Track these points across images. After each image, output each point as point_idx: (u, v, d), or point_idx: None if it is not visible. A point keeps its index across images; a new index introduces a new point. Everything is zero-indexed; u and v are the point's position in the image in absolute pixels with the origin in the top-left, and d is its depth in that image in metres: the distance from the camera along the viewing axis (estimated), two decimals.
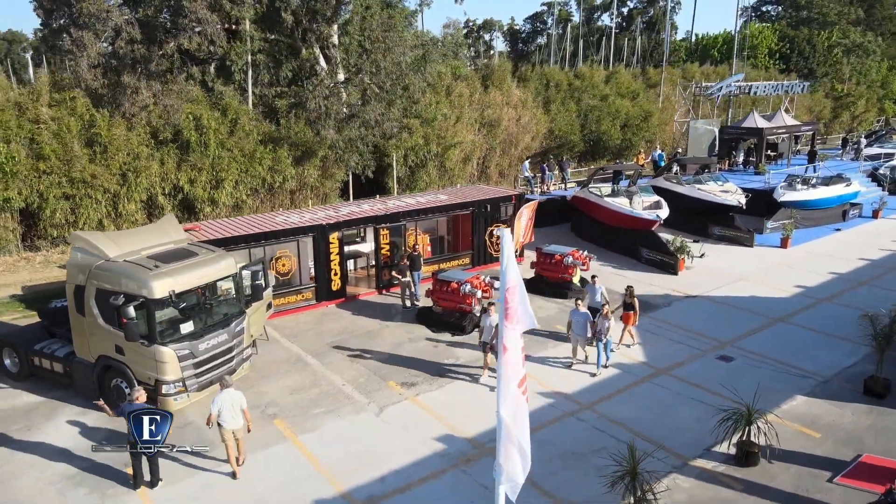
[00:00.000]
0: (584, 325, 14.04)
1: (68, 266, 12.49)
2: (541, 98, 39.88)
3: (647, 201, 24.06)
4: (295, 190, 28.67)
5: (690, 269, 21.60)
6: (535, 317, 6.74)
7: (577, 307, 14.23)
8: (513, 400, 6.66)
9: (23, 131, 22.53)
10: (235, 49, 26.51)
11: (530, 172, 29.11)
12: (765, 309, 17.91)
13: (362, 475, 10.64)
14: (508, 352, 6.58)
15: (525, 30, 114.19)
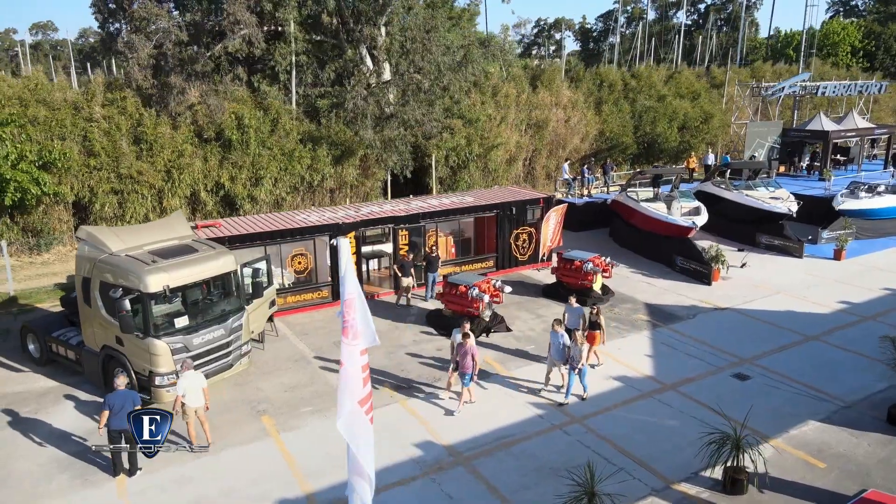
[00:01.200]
0: (562, 349, 12.94)
1: (76, 258, 13.12)
2: (592, 99, 38.91)
3: (686, 207, 23.04)
4: (334, 189, 29.12)
5: (727, 279, 20.49)
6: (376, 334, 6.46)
7: (555, 329, 13.06)
8: (351, 417, 6.33)
9: (76, 129, 23.88)
10: (279, 50, 27.16)
11: (570, 175, 28.38)
12: (799, 325, 16.76)
13: (332, 477, 10.62)
14: (345, 367, 6.29)
15: (596, 28, 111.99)
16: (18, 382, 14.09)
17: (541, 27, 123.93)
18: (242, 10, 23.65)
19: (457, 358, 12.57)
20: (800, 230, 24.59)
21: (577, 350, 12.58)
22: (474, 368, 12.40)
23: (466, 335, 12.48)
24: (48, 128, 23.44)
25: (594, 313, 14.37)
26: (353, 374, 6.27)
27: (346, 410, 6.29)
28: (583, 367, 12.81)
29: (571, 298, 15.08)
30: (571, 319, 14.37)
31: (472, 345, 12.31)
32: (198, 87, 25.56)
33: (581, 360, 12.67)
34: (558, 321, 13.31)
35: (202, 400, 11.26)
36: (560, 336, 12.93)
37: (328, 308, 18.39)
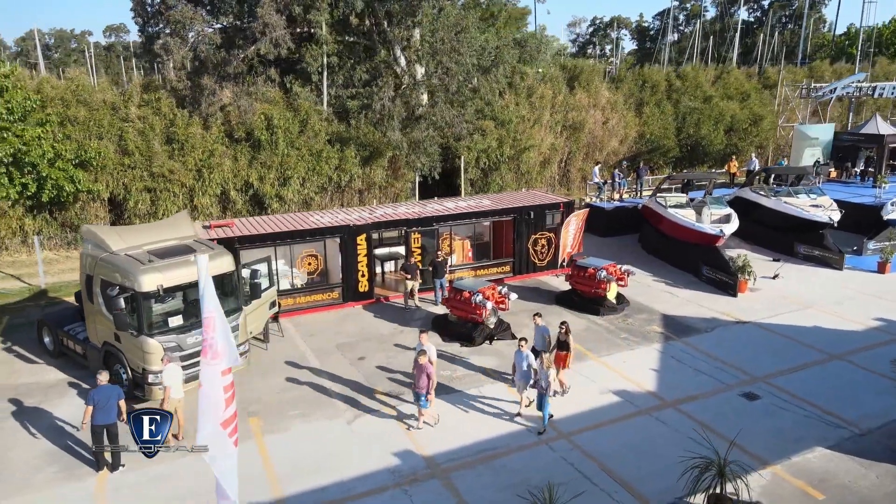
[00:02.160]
0: (527, 371, 12.01)
1: (80, 256, 13.53)
2: (633, 100, 37.86)
3: (717, 214, 22.07)
4: (363, 189, 29.27)
5: (755, 290, 19.53)
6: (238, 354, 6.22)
7: (521, 348, 12.17)
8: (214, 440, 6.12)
9: (113, 129, 24.74)
10: (310, 52, 27.46)
11: (600, 178, 27.65)
12: (825, 342, 15.78)
13: (306, 482, 10.58)
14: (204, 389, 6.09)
15: (653, 27, 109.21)
16: (30, 374, 14.65)
17: (596, 26, 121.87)
18: (271, 14, 24.00)
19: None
20: (844, 240, 23.26)
21: (544, 374, 11.61)
22: (429, 388, 11.61)
23: (422, 353, 11.81)
24: (87, 127, 24.37)
25: (563, 332, 13.24)
26: (214, 395, 6.08)
27: (206, 433, 6.11)
28: (548, 392, 11.73)
29: (536, 317, 13.93)
30: (536, 339, 13.49)
31: (426, 363, 11.60)
32: (230, 88, 26.11)
33: (550, 386, 11.67)
34: (524, 340, 12.42)
35: (181, 391, 11.53)
36: (524, 356, 12.07)
37: (338, 309, 18.46)
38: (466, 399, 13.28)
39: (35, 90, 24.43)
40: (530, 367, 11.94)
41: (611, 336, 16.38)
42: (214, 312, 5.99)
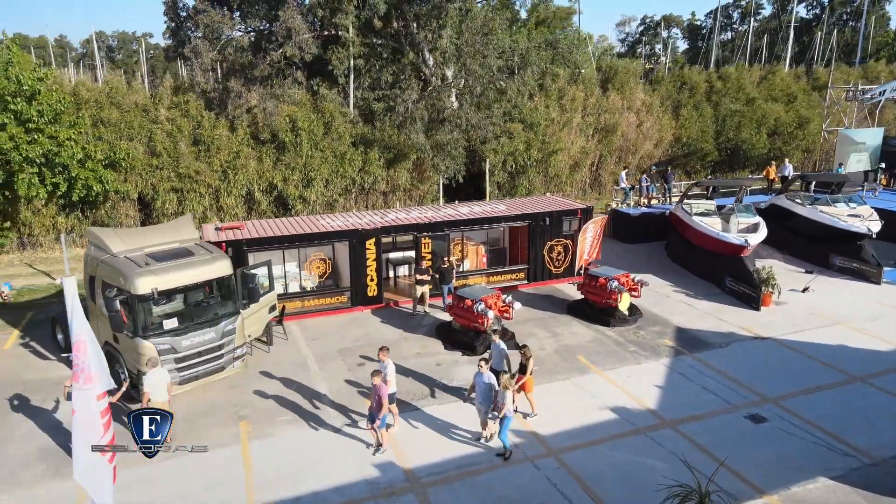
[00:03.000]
0: (488, 393, 11.28)
1: (84, 257, 13.84)
2: (670, 102, 36.79)
3: (744, 223, 21.14)
4: (388, 191, 29.28)
5: (781, 304, 18.62)
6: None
7: (480, 370, 11.44)
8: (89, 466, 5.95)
9: (143, 130, 25.41)
10: (337, 54, 27.62)
11: (627, 183, 26.88)
12: (847, 362, 14.88)
13: (282, 491, 10.52)
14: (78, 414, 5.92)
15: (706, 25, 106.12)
16: (40, 370, 15.08)
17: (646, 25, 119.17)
18: (294, 18, 24.22)
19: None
20: (886, 252, 22.01)
21: (502, 395, 10.92)
22: (381, 411, 11.09)
23: (376, 372, 11.25)
24: (118, 129, 25.11)
25: (522, 355, 12.39)
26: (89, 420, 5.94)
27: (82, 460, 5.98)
28: (506, 417, 11.00)
29: (494, 336, 13.17)
30: (495, 358, 12.67)
31: (379, 384, 11.01)
32: (256, 90, 26.49)
33: (503, 407, 10.90)
34: (485, 360, 11.68)
35: (166, 395, 11.64)
36: (484, 377, 11.37)
37: (346, 313, 18.43)
38: (458, 411, 13.01)
39: (70, 93, 25.32)
40: (492, 389, 11.24)
41: (618, 349, 15.84)
42: (85, 336, 5.87)
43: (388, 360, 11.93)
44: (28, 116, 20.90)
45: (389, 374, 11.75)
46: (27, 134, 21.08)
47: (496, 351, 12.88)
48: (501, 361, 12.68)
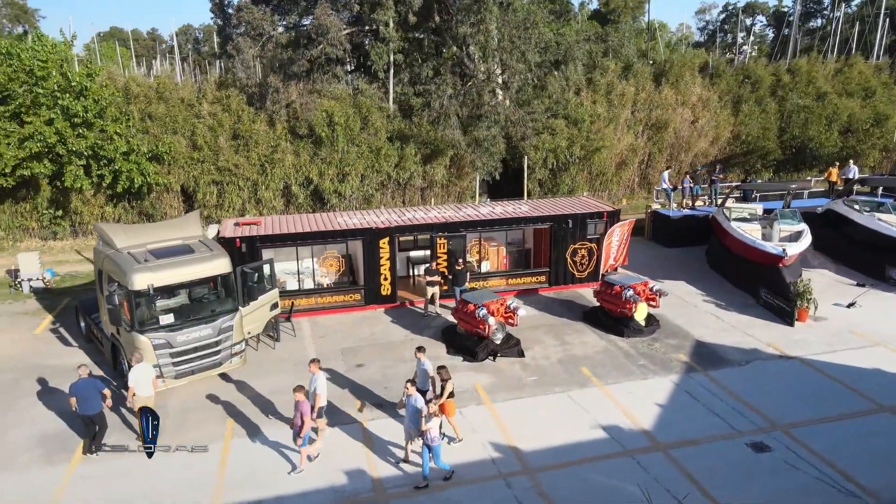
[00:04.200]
0: (416, 416, 10.63)
1: (94, 251, 14.37)
2: (730, 97, 34.79)
3: (786, 230, 19.76)
4: (425, 187, 29.15)
5: (819, 320, 17.30)
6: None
7: (407, 390, 10.87)
8: None
9: (187, 125, 26.27)
10: (375, 49, 27.61)
11: (669, 184, 25.59)
12: (878, 389, 13.63)
13: (248, 492, 10.59)
14: None
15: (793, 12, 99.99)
16: (62, 356, 15.85)
17: (728, 12, 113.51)
18: (327, 15, 24.34)
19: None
20: None
21: (429, 422, 10.29)
22: (302, 429, 10.68)
23: (298, 388, 10.82)
24: (164, 123, 26.06)
25: (439, 377, 11.60)
26: None
27: None
28: (434, 443, 10.39)
29: (419, 353, 12.34)
30: (420, 378, 11.97)
31: (302, 401, 10.67)
32: (294, 85, 26.86)
33: (431, 435, 10.31)
34: (410, 382, 11.07)
35: (151, 390, 11.94)
36: (412, 399, 10.74)
37: (360, 311, 18.45)
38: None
39: (121, 88, 26.47)
40: (419, 413, 10.56)
41: (627, 361, 15.12)
42: None
43: (319, 372, 11.65)
44: (74, 111, 21.95)
45: (320, 388, 11.48)
46: (73, 129, 22.16)
47: (420, 370, 12.15)
48: (426, 381, 12.04)
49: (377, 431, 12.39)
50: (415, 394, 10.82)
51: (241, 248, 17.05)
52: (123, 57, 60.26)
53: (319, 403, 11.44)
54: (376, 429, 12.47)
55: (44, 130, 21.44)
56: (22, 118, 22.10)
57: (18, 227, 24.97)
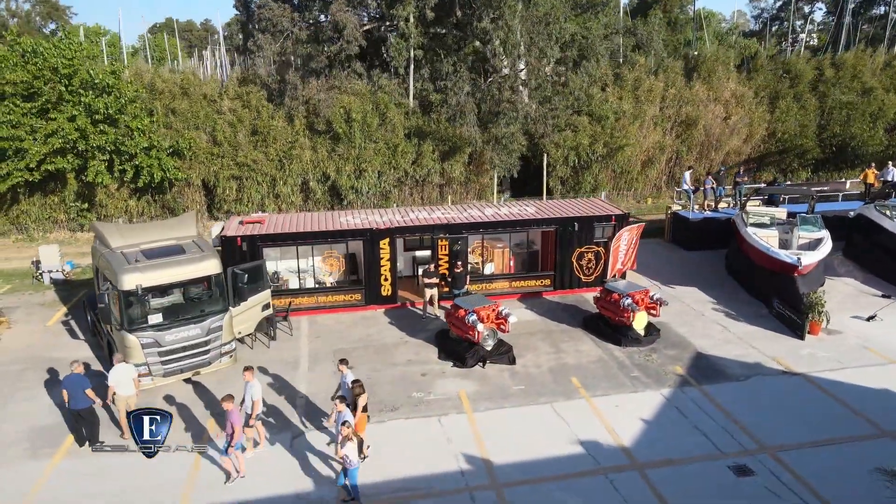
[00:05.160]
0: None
1: (91, 250, 14.75)
2: (767, 92, 33.41)
3: (805, 238, 18.87)
4: (443, 184, 29.02)
5: (834, 333, 16.50)
6: None
7: (336, 407, 10.64)
8: None
9: (209, 120, 26.77)
10: (395, 45, 27.52)
11: (690, 185, 24.71)
12: (885, 414, 12.86)
13: (215, 495, 10.73)
14: None
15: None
16: (69, 349, 16.37)
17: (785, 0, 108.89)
18: (342, 12, 24.35)
19: None
20: None
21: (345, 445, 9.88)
22: (232, 438, 10.60)
23: (227, 397, 10.70)
24: (185, 119, 26.61)
25: (352, 392, 11.33)
26: None
27: None
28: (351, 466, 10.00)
29: (342, 366, 12.07)
30: (344, 392, 11.67)
31: (232, 409, 10.60)
32: (313, 82, 27.02)
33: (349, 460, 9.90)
34: (340, 398, 10.76)
35: (132, 389, 12.17)
36: (343, 416, 10.44)
37: (359, 311, 18.49)
38: (425, 426, 12.66)
39: (147, 84, 27.13)
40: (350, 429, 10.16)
41: (620, 373, 14.71)
42: None
43: (254, 379, 11.60)
44: (96, 108, 22.60)
45: (255, 395, 11.44)
46: (94, 125, 22.82)
47: (343, 384, 11.95)
48: (349, 393, 11.74)
49: None
50: (344, 410, 10.64)
51: (241, 247, 17.26)
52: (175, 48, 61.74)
53: (256, 410, 11.47)
54: None
55: (65, 127, 22.13)
56: (49, 115, 22.87)
57: (48, 218, 25.96)
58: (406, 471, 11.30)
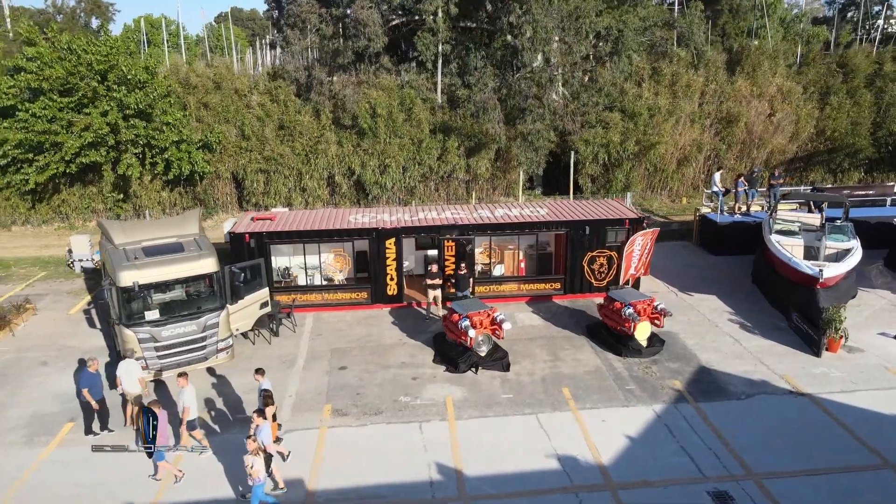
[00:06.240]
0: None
1: (99, 246, 15.29)
2: (817, 87, 31.63)
3: (833, 248, 17.83)
4: (469, 180, 28.80)
5: (855, 351, 15.57)
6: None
7: (254, 420, 10.64)
8: None
9: (238, 115, 27.33)
10: (423, 40, 27.37)
11: (720, 186, 23.62)
12: (893, 441, 12.07)
13: (188, 493, 11.00)
14: None
15: None
16: (84, 338, 17.11)
17: None
18: (363, 9, 24.35)
19: None
20: None
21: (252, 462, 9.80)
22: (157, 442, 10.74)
23: (152, 403, 10.90)
24: (216, 113, 27.25)
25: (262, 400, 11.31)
26: None
27: None
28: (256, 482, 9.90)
29: (257, 375, 11.99)
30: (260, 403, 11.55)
31: (158, 412, 10.81)
32: (340, 77, 27.19)
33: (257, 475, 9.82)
34: (259, 411, 10.77)
35: (138, 388, 12.54)
36: (260, 430, 10.48)
37: (365, 310, 18.59)
38: (405, 433, 12.63)
39: (181, 79, 27.87)
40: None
41: (615, 384, 14.29)
42: None
43: (188, 385, 11.70)
44: (126, 103, 23.39)
45: (185, 401, 11.53)
46: (125, 120, 23.63)
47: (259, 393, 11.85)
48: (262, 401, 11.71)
49: (333, 440, 12.46)
50: (262, 424, 10.64)
51: (250, 244, 17.59)
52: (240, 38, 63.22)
53: (188, 417, 11.59)
54: (334, 437, 12.53)
55: (96, 121, 22.99)
56: (85, 110, 23.81)
57: (87, 208, 27.11)
58: (376, 477, 11.30)
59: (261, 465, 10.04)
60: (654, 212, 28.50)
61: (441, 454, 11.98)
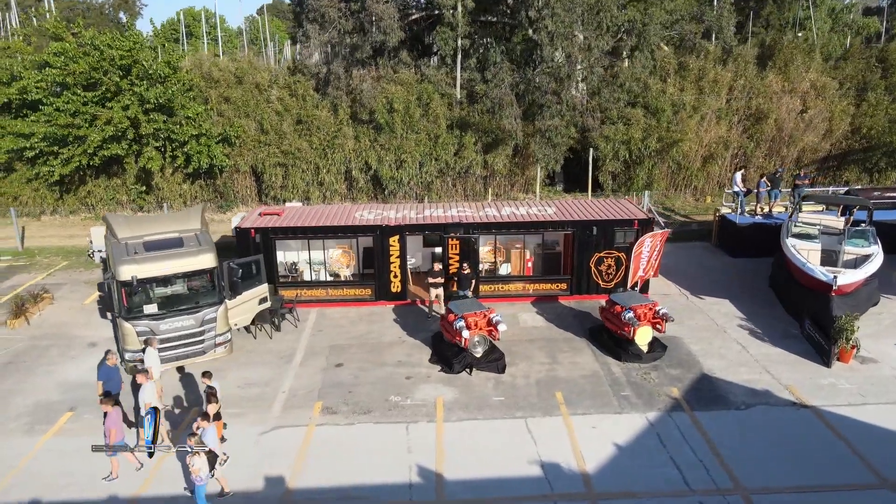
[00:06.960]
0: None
1: (104, 239, 15.64)
2: (854, 83, 30.36)
3: (852, 254, 17.11)
4: (486, 177, 28.60)
5: (867, 362, 14.96)
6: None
7: (198, 423, 10.74)
8: None
9: (258, 109, 27.63)
10: (441, 35, 27.18)
11: (742, 186, 22.84)
12: (894, 460, 11.55)
13: (170, 488, 11.19)
14: None
15: None
16: (93, 328, 17.57)
17: None
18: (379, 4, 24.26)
19: None
20: None
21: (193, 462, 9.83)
22: (109, 438, 10.86)
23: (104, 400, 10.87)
24: (237, 107, 27.59)
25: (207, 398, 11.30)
26: None
27: None
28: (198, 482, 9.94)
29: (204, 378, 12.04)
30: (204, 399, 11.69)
31: (108, 411, 10.86)
32: (358, 72, 27.21)
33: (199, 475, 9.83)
34: (204, 414, 10.85)
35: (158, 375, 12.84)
36: (205, 432, 10.50)
37: (368, 306, 18.63)
38: (391, 433, 12.61)
39: (204, 74, 28.29)
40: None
41: (610, 390, 14.00)
42: None
43: (148, 383, 11.72)
44: (147, 98, 23.86)
45: (143, 398, 11.55)
46: (146, 114, 24.11)
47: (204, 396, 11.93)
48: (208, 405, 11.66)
49: (319, 438, 12.52)
50: (208, 427, 10.67)
51: (255, 239, 17.77)
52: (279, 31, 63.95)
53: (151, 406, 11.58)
54: (321, 435, 12.59)
55: (117, 115, 23.52)
56: (108, 104, 24.37)
57: (111, 199, 27.81)
58: (357, 478, 11.32)
59: (202, 464, 10.06)
60: (675, 211, 27.84)
61: (425, 456, 11.92)
